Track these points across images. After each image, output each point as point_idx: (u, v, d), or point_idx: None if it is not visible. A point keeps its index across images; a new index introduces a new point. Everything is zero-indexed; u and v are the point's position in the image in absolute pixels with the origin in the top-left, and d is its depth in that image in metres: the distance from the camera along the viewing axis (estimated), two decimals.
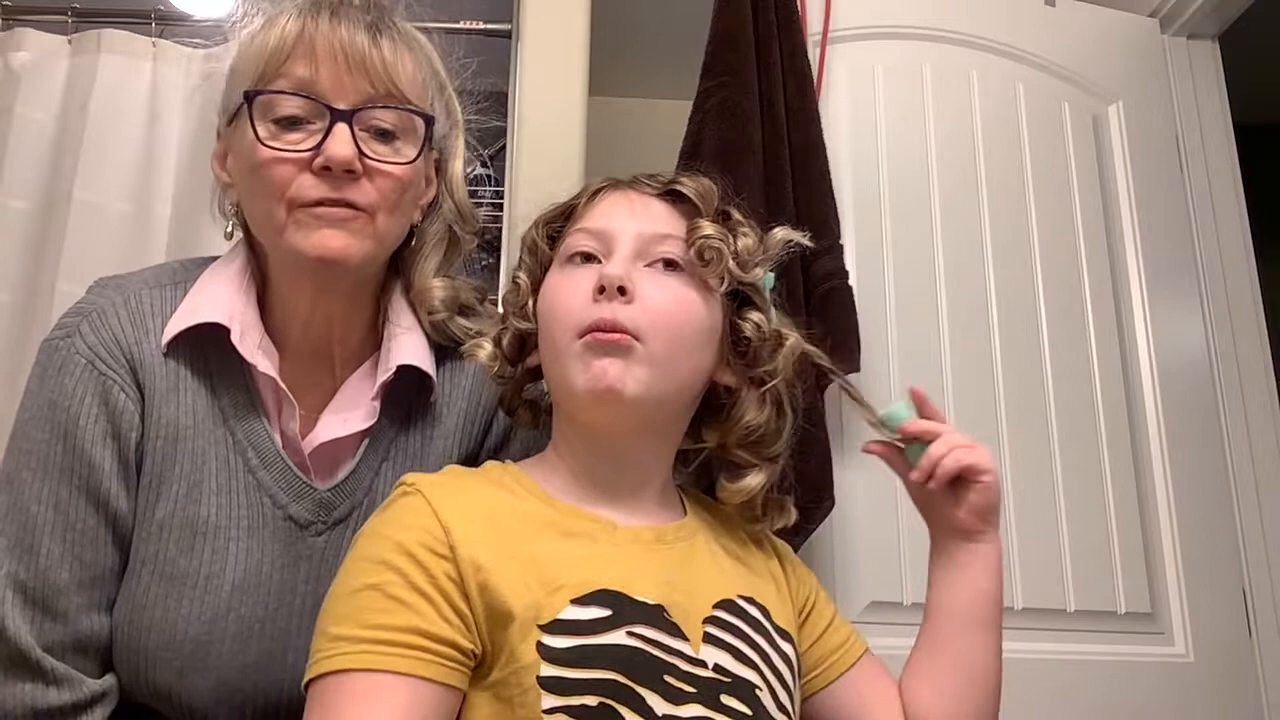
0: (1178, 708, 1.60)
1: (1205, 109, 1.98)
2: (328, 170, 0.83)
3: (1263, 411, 1.83)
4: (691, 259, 0.81)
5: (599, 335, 0.76)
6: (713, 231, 0.81)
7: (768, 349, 0.83)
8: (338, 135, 0.83)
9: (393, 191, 0.86)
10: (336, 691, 0.67)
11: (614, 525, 0.79)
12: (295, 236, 0.84)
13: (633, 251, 0.80)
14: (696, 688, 0.72)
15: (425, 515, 0.73)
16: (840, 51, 1.78)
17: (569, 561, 0.74)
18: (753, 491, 0.84)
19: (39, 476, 0.83)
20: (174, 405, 0.86)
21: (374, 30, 0.85)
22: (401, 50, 0.88)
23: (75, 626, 0.82)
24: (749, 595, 0.81)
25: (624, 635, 0.71)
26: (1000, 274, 1.76)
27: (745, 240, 0.83)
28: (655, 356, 0.77)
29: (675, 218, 0.83)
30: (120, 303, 0.88)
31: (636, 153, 1.93)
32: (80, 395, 0.84)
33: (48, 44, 1.82)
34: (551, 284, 0.83)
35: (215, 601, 0.84)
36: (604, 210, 0.84)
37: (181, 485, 0.86)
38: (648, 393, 0.77)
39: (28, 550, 0.81)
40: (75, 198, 1.71)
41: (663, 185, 0.85)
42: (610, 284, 0.77)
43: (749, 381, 0.84)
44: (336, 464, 0.91)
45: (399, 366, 0.89)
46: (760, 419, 0.83)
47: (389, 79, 0.85)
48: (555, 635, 0.70)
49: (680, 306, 0.79)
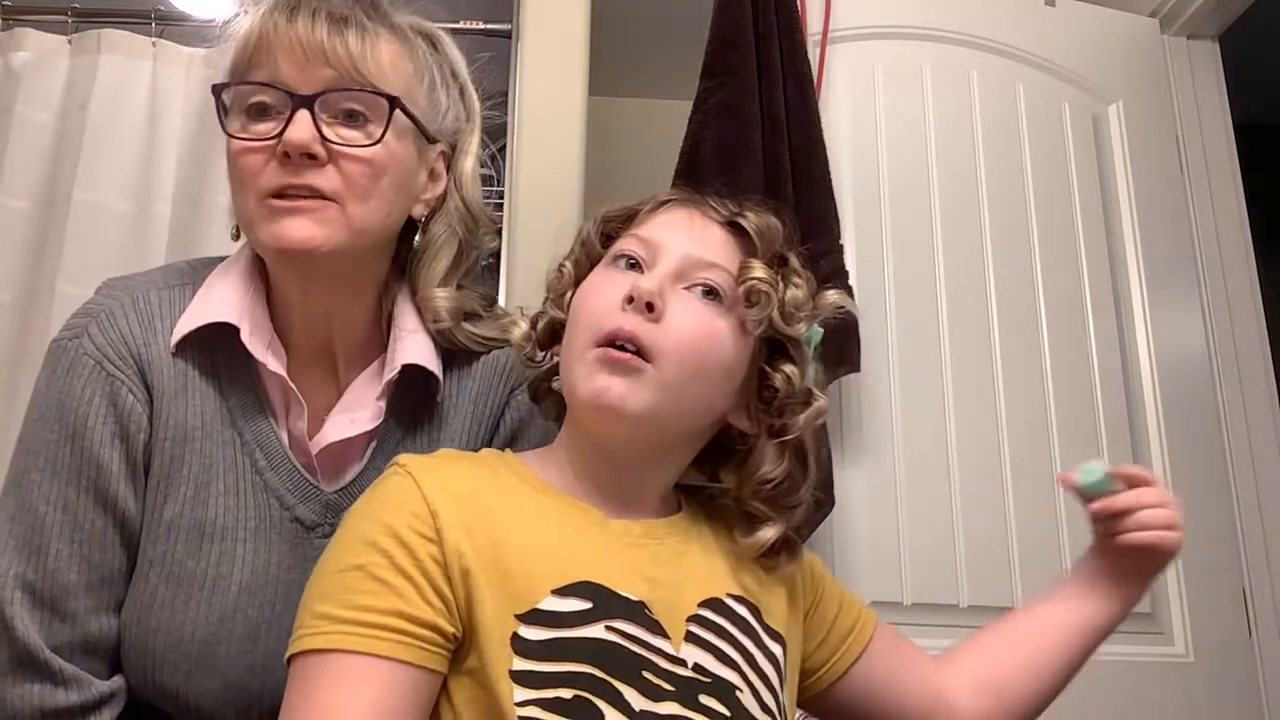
0: (1178, 708, 1.60)
1: (1205, 109, 1.98)
2: (290, 158, 0.82)
3: (1263, 411, 1.83)
4: (737, 296, 0.79)
5: (612, 353, 0.76)
6: (764, 276, 0.79)
7: (794, 405, 0.81)
8: (297, 120, 0.82)
9: (362, 176, 0.84)
10: (317, 670, 0.68)
11: (604, 518, 0.79)
12: (261, 227, 0.83)
13: (675, 270, 0.79)
14: (675, 686, 0.72)
15: (414, 497, 0.73)
16: (840, 51, 1.78)
17: (553, 550, 0.74)
18: (767, 544, 0.82)
19: (47, 477, 0.83)
20: (182, 406, 0.86)
21: (339, 23, 0.85)
22: (376, 40, 0.86)
23: (84, 627, 0.82)
24: (739, 594, 0.80)
25: (602, 629, 0.71)
26: (1000, 274, 1.76)
27: (796, 292, 0.81)
28: (665, 380, 0.76)
29: (730, 250, 0.81)
30: (129, 304, 0.88)
31: (636, 153, 1.94)
32: (89, 396, 0.84)
33: (48, 44, 1.82)
34: (590, 281, 0.83)
35: (222, 603, 0.84)
36: (662, 221, 0.83)
37: (189, 487, 0.86)
38: (649, 413, 0.76)
39: (36, 551, 0.81)
40: (75, 198, 1.71)
41: (728, 215, 0.83)
42: (640, 297, 0.76)
43: (767, 431, 0.82)
44: (343, 466, 0.91)
45: (405, 366, 0.89)
46: (778, 472, 0.81)
47: (351, 65, 0.84)
48: (532, 626, 0.70)
49: (705, 336, 0.78)
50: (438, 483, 0.75)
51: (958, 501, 1.63)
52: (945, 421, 1.66)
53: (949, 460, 1.65)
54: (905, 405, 1.66)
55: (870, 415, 1.65)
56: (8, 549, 0.82)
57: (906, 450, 1.64)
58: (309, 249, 0.83)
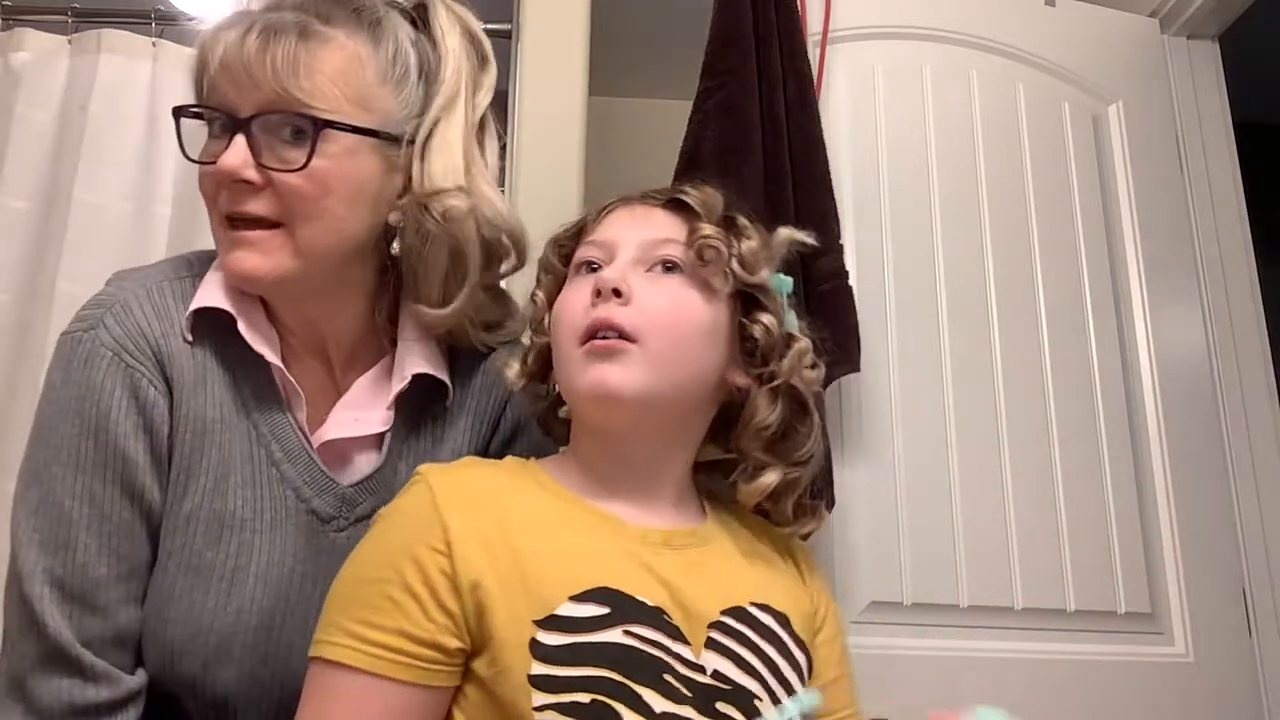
0: (1178, 708, 1.60)
1: (1205, 109, 1.98)
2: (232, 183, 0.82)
3: (1263, 411, 1.83)
4: (692, 260, 0.82)
5: (597, 344, 0.78)
6: (711, 232, 0.82)
7: (777, 350, 0.84)
8: (233, 146, 0.81)
9: (301, 199, 0.82)
10: (329, 684, 0.73)
11: (622, 523, 0.79)
12: (223, 256, 0.85)
13: (632, 258, 0.82)
14: (692, 692, 0.72)
15: (428, 510, 0.75)
16: (840, 51, 1.78)
17: (570, 556, 0.75)
18: (767, 489, 0.84)
19: (70, 471, 0.82)
20: (201, 398, 0.86)
21: (268, 36, 0.81)
22: (319, 49, 0.82)
23: (115, 620, 0.82)
24: (764, 603, 0.80)
25: (620, 634, 0.71)
26: (1000, 274, 1.76)
27: (749, 243, 0.84)
28: (654, 355, 0.78)
29: (677, 224, 0.84)
30: (143, 295, 0.87)
31: (636, 153, 1.94)
32: (109, 388, 0.83)
33: (48, 44, 1.82)
34: (562, 296, 0.85)
35: (240, 594, 0.85)
36: (609, 223, 0.86)
37: (209, 478, 0.85)
38: (647, 392, 0.78)
39: (63, 546, 0.81)
40: (75, 198, 1.71)
41: (666, 196, 0.87)
42: (605, 286, 0.79)
43: (757, 380, 0.84)
44: (347, 461, 0.91)
45: (414, 375, 0.89)
46: (772, 417, 0.83)
47: (278, 85, 0.81)
48: (551, 632, 0.70)
49: (678, 305, 0.81)
50: (454, 492, 0.77)
51: (958, 501, 1.63)
52: (945, 421, 1.66)
53: (949, 460, 1.65)
54: (905, 405, 1.66)
55: (870, 415, 1.65)
56: (33, 543, 0.81)
57: (906, 450, 1.64)
58: (256, 278, 0.83)
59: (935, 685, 1.54)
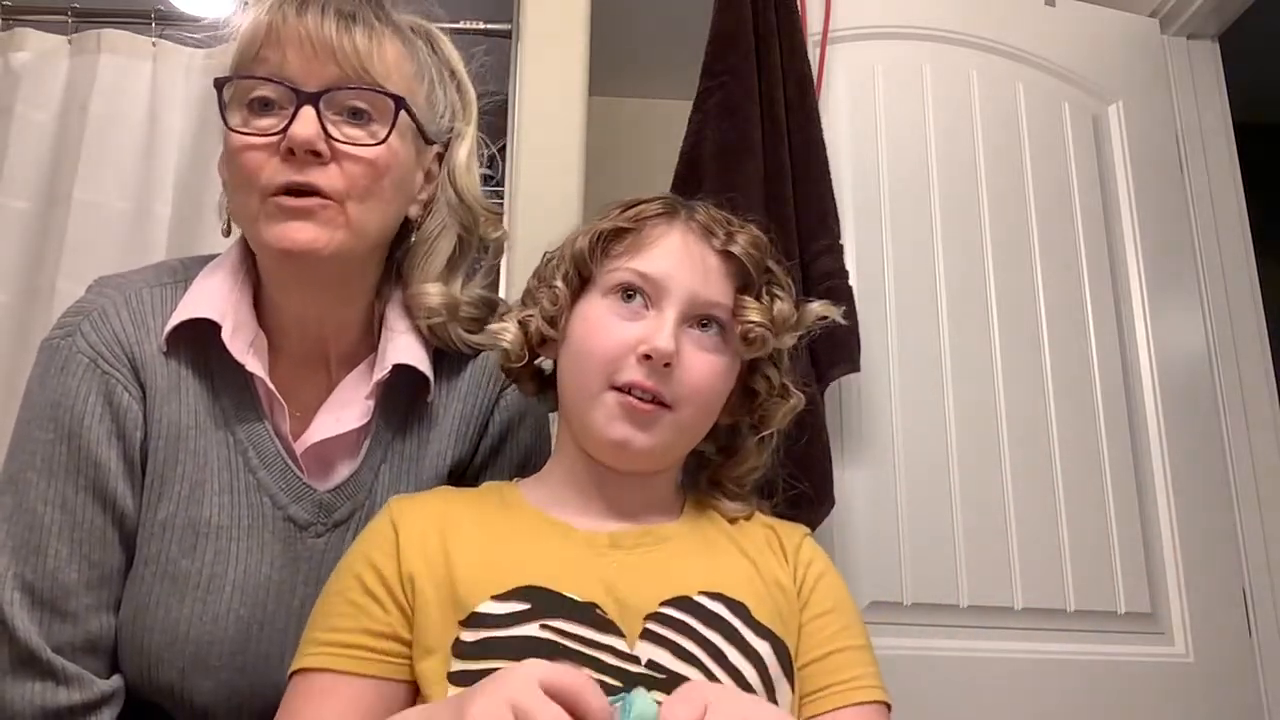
0: (1178, 708, 1.60)
1: (1205, 109, 1.98)
2: (294, 154, 0.81)
3: (1263, 411, 1.83)
4: (735, 332, 0.84)
5: (634, 404, 0.79)
6: (759, 319, 0.83)
7: (773, 402, 0.88)
8: (302, 116, 0.81)
9: (364, 176, 0.84)
10: (299, 688, 0.76)
11: (570, 528, 0.81)
12: (265, 227, 0.83)
13: (681, 313, 0.82)
14: (624, 682, 0.72)
15: (387, 527, 0.81)
16: (840, 51, 1.78)
17: (502, 561, 0.77)
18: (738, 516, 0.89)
19: (44, 477, 0.83)
20: (175, 405, 0.86)
21: (346, 19, 0.84)
22: (380, 38, 0.86)
23: (85, 626, 0.82)
24: (716, 591, 0.78)
25: (536, 628, 0.73)
26: (1000, 274, 1.76)
27: (781, 306, 0.85)
28: (683, 423, 0.82)
29: (726, 282, 0.84)
30: (121, 302, 0.87)
31: (636, 153, 1.94)
32: (84, 394, 0.84)
33: (48, 44, 1.82)
34: (593, 315, 0.84)
35: (217, 602, 0.85)
36: (661, 252, 0.84)
37: (184, 486, 0.86)
38: (666, 449, 0.82)
39: (35, 551, 0.81)
40: (75, 198, 1.71)
41: (721, 243, 0.85)
42: (659, 358, 0.79)
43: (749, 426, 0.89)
44: (330, 466, 0.91)
45: (395, 366, 0.89)
46: (760, 462, 0.90)
47: (359, 64, 0.84)
48: (470, 629, 0.73)
49: (714, 377, 0.83)
50: (413, 511, 0.82)
51: (958, 501, 1.63)
52: (945, 421, 1.66)
53: (949, 460, 1.64)
54: (905, 405, 1.66)
55: (870, 415, 1.65)
56: (5, 549, 0.82)
57: (906, 450, 1.64)
58: (312, 250, 0.82)
59: (935, 685, 1.54)
